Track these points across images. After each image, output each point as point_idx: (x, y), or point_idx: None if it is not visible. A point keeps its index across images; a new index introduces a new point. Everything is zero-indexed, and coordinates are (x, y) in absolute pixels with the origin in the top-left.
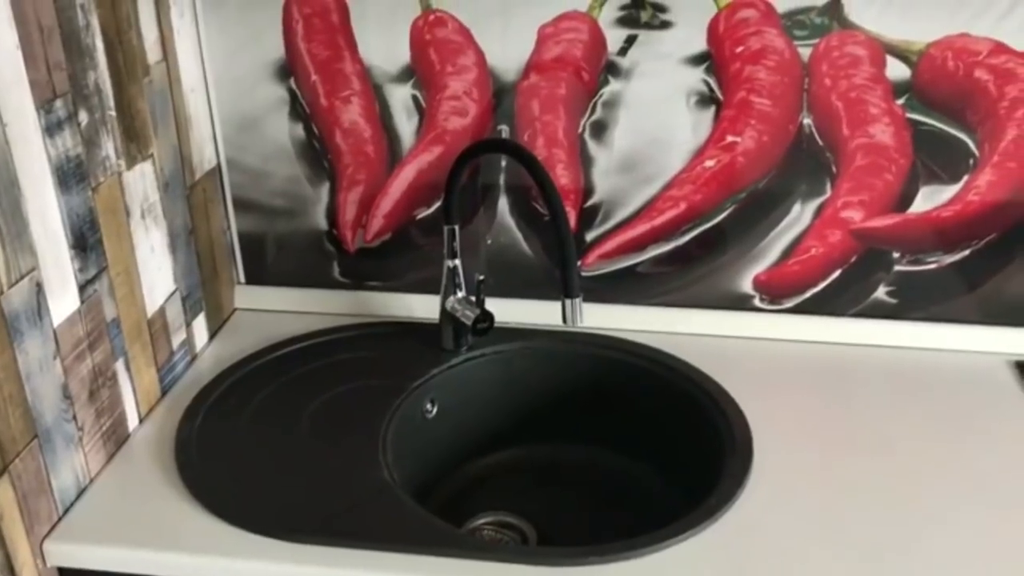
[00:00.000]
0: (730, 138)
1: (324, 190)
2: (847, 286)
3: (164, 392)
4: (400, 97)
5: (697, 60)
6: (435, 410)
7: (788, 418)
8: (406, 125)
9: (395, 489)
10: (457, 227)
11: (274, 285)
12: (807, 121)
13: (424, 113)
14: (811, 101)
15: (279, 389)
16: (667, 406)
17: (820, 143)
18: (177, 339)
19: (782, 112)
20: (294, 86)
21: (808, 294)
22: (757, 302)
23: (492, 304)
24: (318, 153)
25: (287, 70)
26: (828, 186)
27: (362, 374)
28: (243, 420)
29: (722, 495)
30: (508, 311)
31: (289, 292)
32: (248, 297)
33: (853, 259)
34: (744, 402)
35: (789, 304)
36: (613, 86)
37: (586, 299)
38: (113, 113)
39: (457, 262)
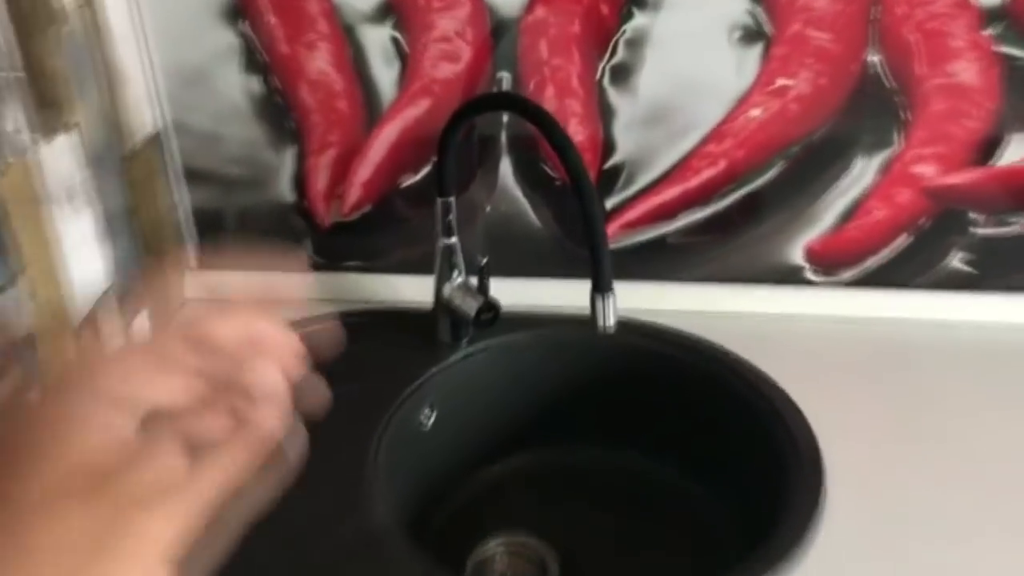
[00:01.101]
0: (781, 81)
1: (289, 155)
2: (915, 253)
3: None
4: (377, 40)
5: None
6: (433, 417)
7: (855, 414)
8: (385, 74)
9: (386, 536)
10: (453, 199)
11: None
12: (874, 59)
13: (407, 59)
14: (880, 34)
15: None
16: (706, 401)
17: (889, 85)
18: (111, 345)
19: (844, 48)
20: (248, 30)
21: (869, 263)
22: (809, 274)
23: (496, 286)
24: (280, 110)
25: (238, 10)
26: (897, 137)
27: (344, 379)
28: None
29: (794, 529)
30: (515, 293)
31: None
32: (201, 285)
33: (923, 222)
34: (799, 395)
35: (846, 276)
36: (638, 20)
37: None
38: (20, 74)
39: (454, 240)
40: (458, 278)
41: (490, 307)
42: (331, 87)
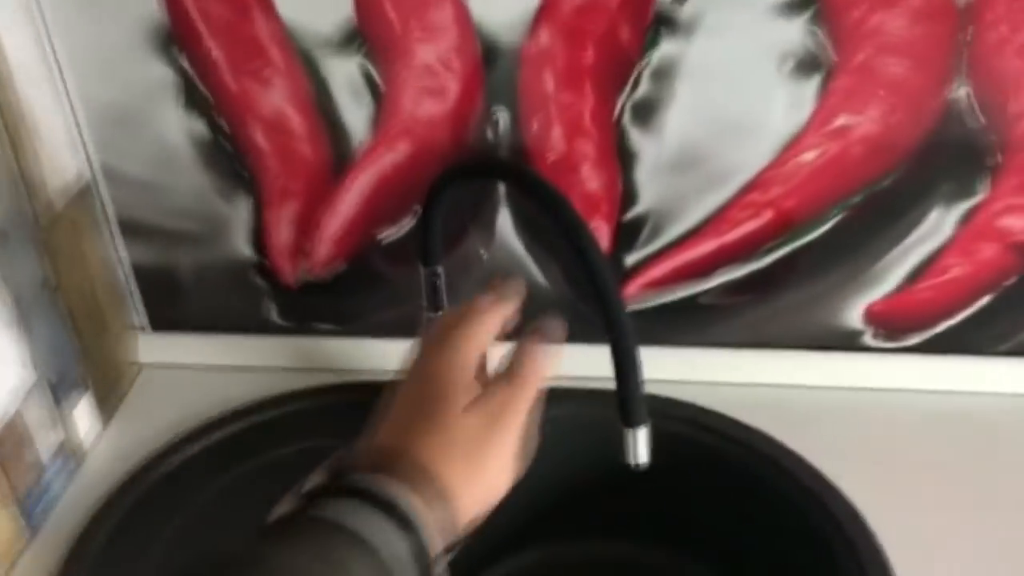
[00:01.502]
0: (843, 119)
1: (244, 206)
2: (995, 316)
3: (34, 532)
4: (344, 73)
5: (796, 4)
6: None
7: (931, 516)
8: (355, 113)
9: None
10: (441, 269)
11: (191, 331)
12: (962, 91)
13: (381, 95)
14: (972, 61)
15: (204, 512)
16: (746, 500)
17: (979, 122)
18: (46, 447)
19: (925, 79)
20: (185, 63)
21: (941, 328)
22: (868, 339)
23: (497, 350)
24: (230, 156)
25: (171, 38)
26: (983, 184)
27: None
28: (151, 568)
29: None
30: None
31: (213, 340)
32: (157, 348)
33: (1010, 282)
34: (859, 489)
35: (913, 341)
36: (666, 48)
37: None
38: None
39: None
40: None
41: None
42: (290, 128)
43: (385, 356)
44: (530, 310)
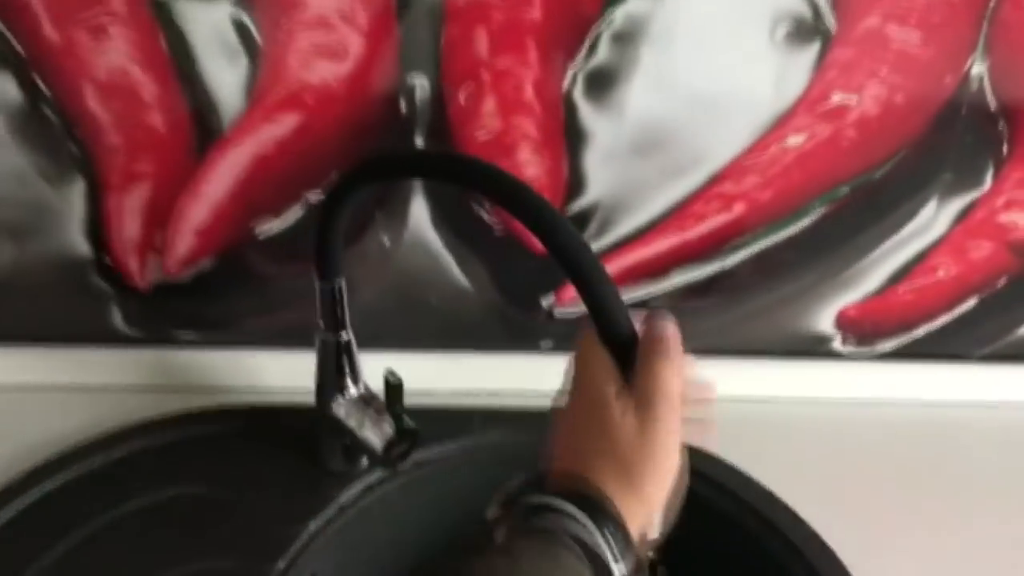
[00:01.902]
0: (839, 97)
1: (77, 191)
2: (979, 320)
3: None
4: (210, 23)
5: None
6: None
7: (902, 538)
8: (226, 75)
9: None
10: (342, 283)
11: (19, 343)
12: (977, 69)
13: (260, 54)
14: (993, 35)
15: None
16: (704, 532)
17: (991, 106)
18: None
19: (937, 54)
20: None
21: (920, 332)
22: (837, 344)
23: (408, 362)
24: (55, 128)
25: None
26: (988, 176)
27: (185, 548)
28: None
29: None
30: (437, 375)
31: (45, 353)
32: None
33: (1000, 284)
34: (825, 511)
35: (886, 347)
36: (632, 5)
37: (564, 349)
38: None
39: (346, 337)
40: (352, 390)
41: (406, 435)
42: (135, 92)
43: (260, 371)
44: (448, 316)
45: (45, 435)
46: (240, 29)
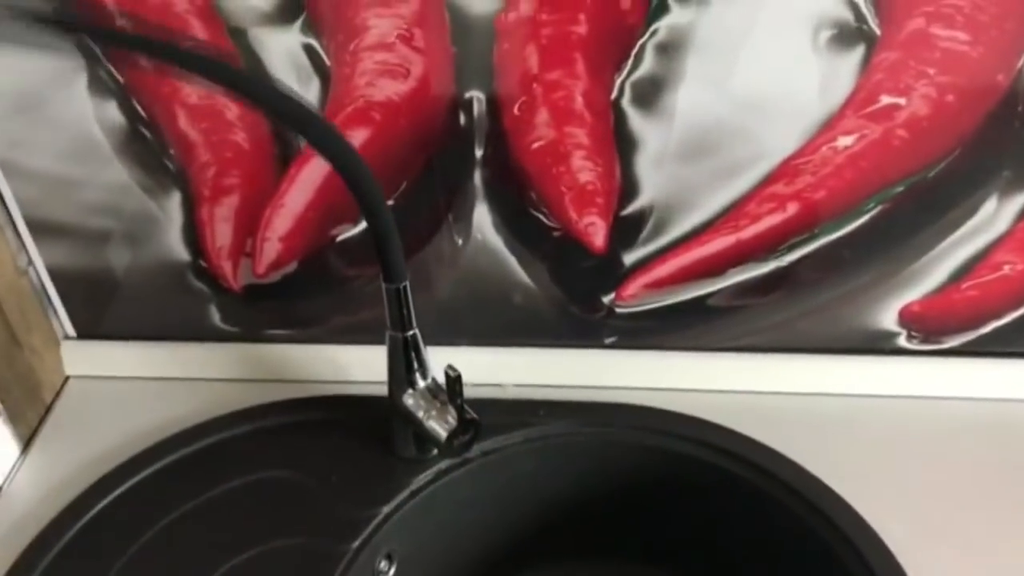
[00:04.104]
0: (887, 99)
1: (175, 203)
2: None
3: None
4: (284, 48)
5: None
6: (393, 570)
7: (973, 543)
8: (301, 95)
9: None
10: (406, 285)
11: (123, 339)
12: None
13: (330, 75)
14: None
15: (143, 558)
16: (758, 527)
17: None
18: None
19: (986, 53)
20: (88, 41)
21: (987, 329)
22: (903, 341)
23: (471, 356)
24: (152, 146)
25: (70, 12)
26: None
27: (267, 527)
28: None
29: None
30: (500, 369)
31: (148, 348)
32: (85, 358)
33: None
34: (888, 516)
35: (954, 343)
36: (675, 16)
37: (628, 346)
38: None
39: (413, 333)
40: (421, 383)
41: (467, 426)
42: (220, 114)
43: (345, 365)
44: (516, 311)
45: (153, 422)
46: (310, 52)
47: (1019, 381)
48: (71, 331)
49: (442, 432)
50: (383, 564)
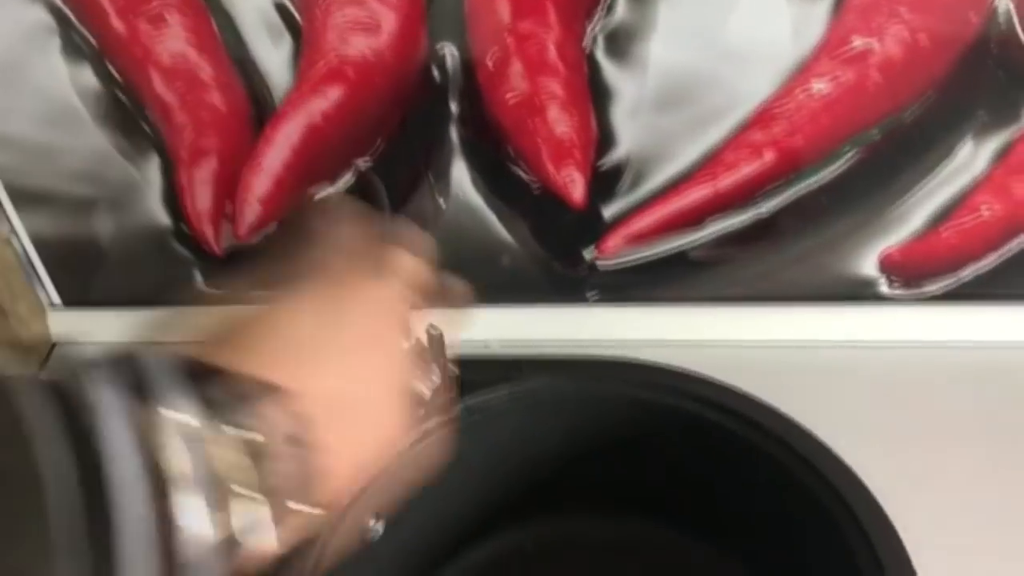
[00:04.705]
0: (859, 41)
1: (154, 167)
2: None
3: None
4: (254, 5)
5: None
6: (383, 525)
7: (955, 490)
8: (273, 54)
9: None
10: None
11: (109, 306)
12: (1004, 5)
13: (302, 33)
14: None
15: None
16: (731, 472)
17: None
18: None
19: None
20: (59, 2)
21: (967, 274)
22: (883, 288)
23: (454, 316)
24: (128, 111)
25: None
26: None
27: None
28: None
29: None
30: (484, 328)
31: (133, 314)
32: (71, 325)
33: None
34: (873, 459)
35: (934, 289)
36: None
37: (609, 300)
38: None
39: None
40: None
41: (451, 384)
42: (195, 75)
43: None
44: (499, 269)
45: None
46: (281, 10)
47: (999, 325)
48: (56, 299)
49: (425, 390)
50: (372, 522)
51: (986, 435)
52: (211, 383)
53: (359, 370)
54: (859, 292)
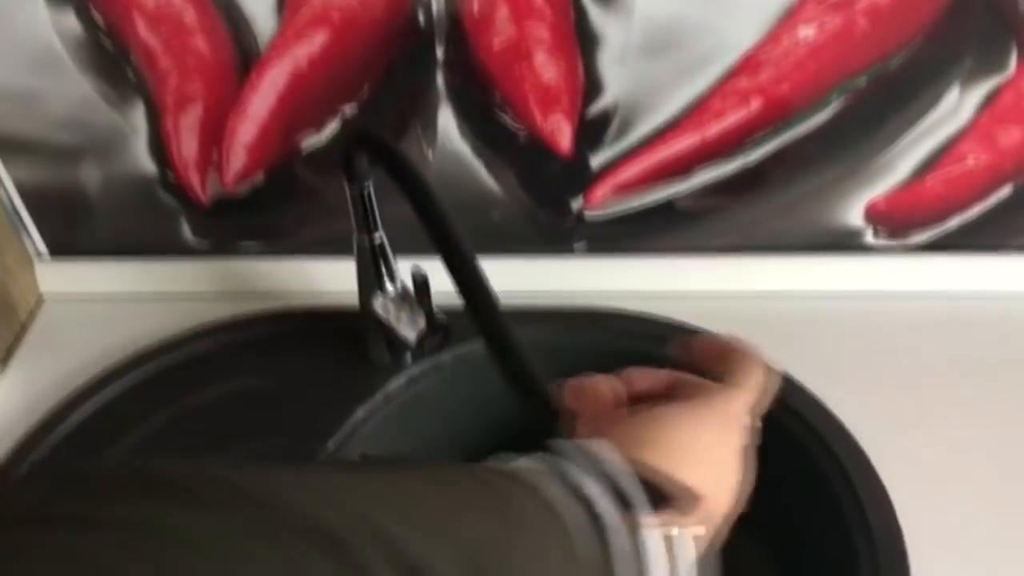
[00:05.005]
0: None
1: (139, 114)
2: (1015, 209)
3: None
4: None
5: None
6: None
7: (939, 435)
8: (258, 1)
9: None
10: (370, 187)
11: (95, 255)
12: None
13: None
14: None
15: None
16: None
17: None
18: None
19: None
20: None
21: (952, 223)
22: (869, 238)
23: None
24: (113, 56)
25: None
26: (1012, 59)
27: (245, 431)
28: None
29: None
30: None
31: (121, 265)
32: (58, 277)
33: None
34: (859, 408)
35: (920, 239)
36: None
37: (598, 250)
38: None
39: (379, 237)
40: (390, 288)
41: (435, 328)
42: (179, 19)
43: (315, 276)
44: (486, 220)
45: (128, 337)
46: None
47: (984, 275)
48: (44, 250)
49: (412, 335)
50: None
51: (971, 382)
52: (658, 488)
53: (716, 467)
54: (845, 242)
